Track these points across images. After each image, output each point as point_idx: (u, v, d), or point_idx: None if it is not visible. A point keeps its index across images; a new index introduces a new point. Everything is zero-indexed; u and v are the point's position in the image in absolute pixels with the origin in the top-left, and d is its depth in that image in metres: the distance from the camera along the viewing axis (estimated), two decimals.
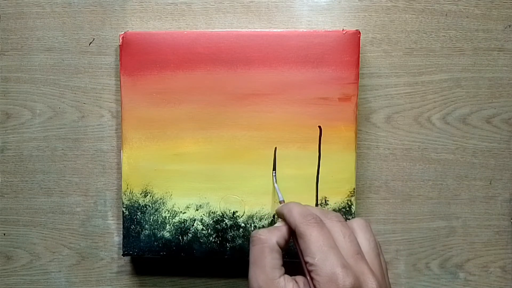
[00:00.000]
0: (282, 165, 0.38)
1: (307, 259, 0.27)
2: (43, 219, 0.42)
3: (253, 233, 0.29)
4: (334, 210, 0.38)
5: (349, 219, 0.38)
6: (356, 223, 0.30)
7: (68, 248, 0.42)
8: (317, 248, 0.27)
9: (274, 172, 0.38)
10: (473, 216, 0.40)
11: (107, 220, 0.41)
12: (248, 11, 0.40)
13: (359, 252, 0.27)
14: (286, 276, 0.28)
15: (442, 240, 0.41)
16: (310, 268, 0.27)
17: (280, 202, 0.36)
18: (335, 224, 0.28)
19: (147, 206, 0.39)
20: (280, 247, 0.29)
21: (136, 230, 0.39)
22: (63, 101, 0.41)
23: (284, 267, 0.28)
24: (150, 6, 0.41)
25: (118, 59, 0.40)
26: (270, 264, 0.28)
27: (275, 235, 0.29)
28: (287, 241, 0.30)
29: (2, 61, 0.41)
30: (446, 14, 0.40)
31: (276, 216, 0.35)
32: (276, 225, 0.31)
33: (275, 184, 0.38)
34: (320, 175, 0.38)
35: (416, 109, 0.40)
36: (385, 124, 0.40)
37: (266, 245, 0.28)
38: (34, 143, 0.41)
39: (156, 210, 0.39)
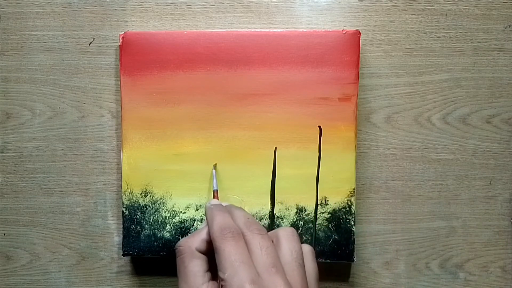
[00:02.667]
0: (282, 165, 0.38)
1: (219, 274, 0.27)
2: (43, 219, 0.42)
3: (176, 245, 0.30)
4: (334, 210, 0.38)
5: (349, 219, 0.38)
6: (282, 233, 0.30)
7: (68, 248, 0.42)
8: (228, 263, 0.27)
9: (215, 164, 0.38)
10: (473, 216, 0.40)
11: (107, 220, 0.41)
12: (248, 11, 0.40)
13: (275, 265, 0.27)
14: (211, 283, 0.28)
15: (442, 240, 0.41)
16: (222, 283, 0.27)
17: (214, 192, 0.36)
18: (254, 237, 0.28)
19: (147, 206, 0.39)
20: (203, 252, 0.29)
21: (136, 230, 0.39)
22: (63, 101, 0.41)
23: None
24: (150, 6, 0.41)
25: (118, 59, 0.40)
26: (192, 272, 0.28)
27: (195, 241, 0.29)
28: (210, 243, 0.29)
29: (2, 61, 0.41)
30: (446, 14, 0.40)
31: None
32: (200, 227, 0.31)
33: (213, 171, 0.38)
34: (320, 175, 0.38)
35: (416, 109, 0.40)
36: (385, 124, 0.40)
37: (185, 254, 0.29)
38: (34, 143, 0.41)
39: (156, 210, 0.39)
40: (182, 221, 0.39)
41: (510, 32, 0.40)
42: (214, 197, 0.37)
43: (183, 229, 0.39)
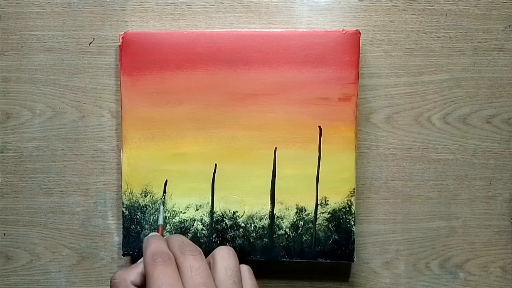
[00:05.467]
0: (282, 165, 0.38)
1: None
2: (43, 219, 0.42)
3: (111, 277, 0.30)
4: (334, 210, 0.38)
5: (349, 219, 0.38)
6: (217, 252, 0.30)
7: (68, 248, 0.42)
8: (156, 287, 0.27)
9: (164, 194, 0.38)
10: (473, 216, 0.40)
11: (107, 220, 0.41)
12: (248, 11, 0.40)
13: (206, 284, 0.28)
14: None
15: (442, 240, 0.41)
16: None
17: (158, 227, 0.37)
18: (186, 259, 0.29)
19: (147, 206, 0.39)
20: (138, 285, 0.29)
21: (136, 230, 0.39)
22: (63, 101, 0.41)
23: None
24: (150, 6, 0.41)
25: (118, 59, 0.40)
26: None
27: (131, 274, 0.29)
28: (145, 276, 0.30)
29: (2, 61, 0.41)
30: (446, 14, 0.40)
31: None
32: (139, 261, 0.31)
33: (161, 206, 0.38)
34: (320, 175, 0.38)
35: (416, 109, 0.40)
36: (385, 124, 0.40)
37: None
38: (34, 143, 0.41)
39: (156, 210, 0.39)
40: (182, 221, 0.39)
41: (510, 32, 0.40)
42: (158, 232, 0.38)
43: (183, 229, 0.39)
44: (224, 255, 0.30)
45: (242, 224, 0.38)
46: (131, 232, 0.39)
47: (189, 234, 0.39)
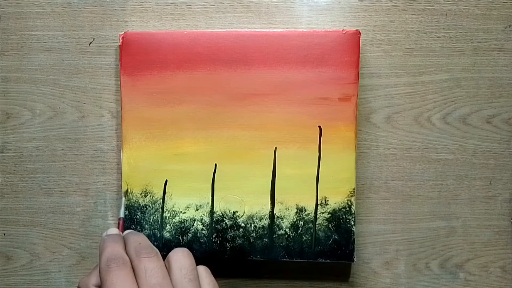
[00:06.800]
0: (282, 165, 0.38)
1: None
2: (43, 219, 0.42)
3: (77, 285, 0.31)
4: (334, 210, 0.38)
5: (349, 219, 0.38)
6: (172, 253, 0.31)
7: (68, 248, 0.42)
8: None
9: (126, 191, 0.39)
10: (473, 216, 0.40)
11: (107, 220, 0.41)
12: (248, 11, 0.40)
13: (161, 284, 0.28)
14: None
15: (442, 240, 0.41)
16: None
17: (118, 220, 0.37)
18: (141, 261, 0.29)
19: (147, 206, 0.39)
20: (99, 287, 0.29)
21: (136, 230, 0.39)
22: (63, 101, 0.41)
23: None
24: (150, 6, 0.41)
25: (118, 59, 0.40)
26: None
27: (92, 278, 0.30)
28: None
29: (2, 61, 0.41)
30: (446, 14, 0.40)
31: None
32: (97, 263, 0.31)
33: (123, 198, 0.39)
34: (320, 175, 0.38)
35: (416, 109, 0.40)
36: (385, 124, 0.40)
37: None
38: (34, 143, 0.41)
39: (156, 210, 0.39)
40: (182, 221, 0.39)
41: (510, 32, 0.40)
42: (118, 226, 0.38)
43: (183, 229, 0.39)
44: (179, 256, 0.30)
45: (242, 224, 0.38)
46: None
47: (189, 234, 0.39)
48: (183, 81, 0.38)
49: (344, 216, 0.38)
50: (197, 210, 0.39)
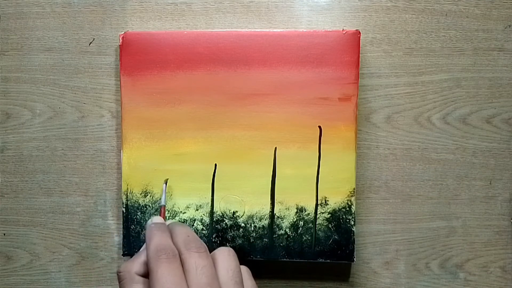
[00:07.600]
0: (282, 165, 0.38)
1: None
2: (43, 219, 0.42)
3: (117, 270, 0.30)
4: (334, 210, 0.38)
5: (349, 219, 0.38)
6: (219, 253, 0.30)
7: (68, 248, 0.42)
8: (159, 286, 0.26)
9: (167, 179, 0.38)
10: (473, 216, 0.40)
11: (107, 220, 0.41)
12: (248, 11, 0.40)
13: (211, 285, 0.27)
14: None
15: (442, 240, 0.41)
16: None
17: (160, 208, 0.37)
18: (191, 256, 0.28)
19: (147, 206, 0.39)
20: (143, 275, 0.29)
21: (136, 230, 0.39)
22: (63, 101, 0.41)
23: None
24: (150, 6, 0.41)
25: (118, 59, 0.40)
26: None
27: (135, 265, 0.29)
28: None
29: (2, 61, 0.41)
30: (446, 14, 0.40)
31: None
32: (141, 249, 0.31)
33: (164, 185, 0.38)
34: (320, 175, 0.38)
35: (416, 109, 0.40)
36: (385, 124, 0.40)
37: (125, 280, 0.29)
38: (34, 143, 0.41)
39: (156, 210, 0.39)
40: (182, 221, 0.39)
41: (510, 32, 0.40)
42: (160, 214, 0.37)
43: None
44: (225, 255, 0.30)
45: (242, 224, 0.38)
46: (131, 232, 0.39)
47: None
48: (183, 81, 0.38)
49: (344, 216, 0.38)
50: (197, 210, 0.39)
